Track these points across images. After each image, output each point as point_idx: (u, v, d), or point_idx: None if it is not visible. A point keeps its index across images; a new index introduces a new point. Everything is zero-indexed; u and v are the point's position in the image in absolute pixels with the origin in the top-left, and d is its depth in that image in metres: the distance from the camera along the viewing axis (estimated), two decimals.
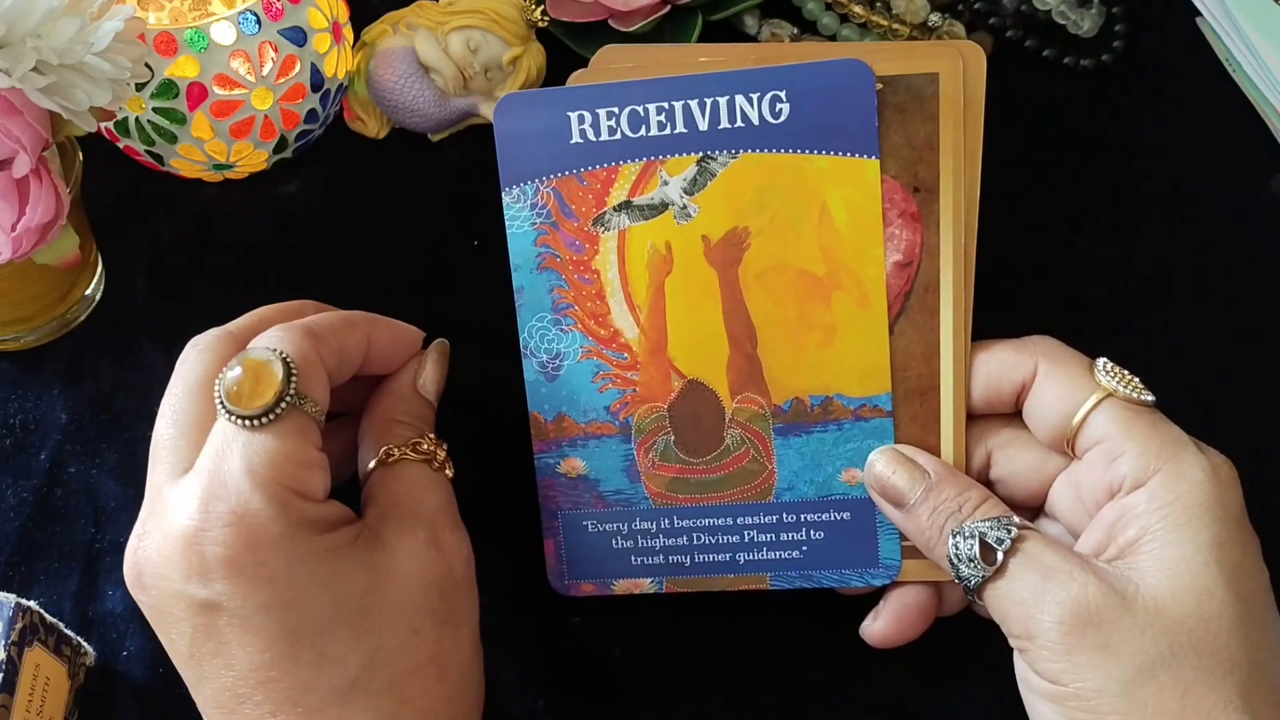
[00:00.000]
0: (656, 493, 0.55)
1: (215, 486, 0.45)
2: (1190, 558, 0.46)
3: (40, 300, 0.61)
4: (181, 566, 0.45)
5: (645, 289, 0.54)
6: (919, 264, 0.53)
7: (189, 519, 0.44)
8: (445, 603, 0.48)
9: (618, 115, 0.53)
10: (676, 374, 0.54)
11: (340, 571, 0.45)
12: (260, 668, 0.44)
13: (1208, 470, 0.47)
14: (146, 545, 0.46)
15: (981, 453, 0.53)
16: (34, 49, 0.49)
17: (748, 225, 0.53)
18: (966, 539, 0.48)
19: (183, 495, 0.45)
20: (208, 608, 0.44)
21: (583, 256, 0.54)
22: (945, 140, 0.52)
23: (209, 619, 0.44)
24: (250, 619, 0.44)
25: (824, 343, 0.53)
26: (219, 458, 0.45)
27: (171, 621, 0.46)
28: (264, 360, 0.47)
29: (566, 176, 0.54)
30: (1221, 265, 0.64)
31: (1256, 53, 0.67)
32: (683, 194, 0.53)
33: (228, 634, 0.44)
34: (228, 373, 0.47)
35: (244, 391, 0.46)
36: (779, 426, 0.54)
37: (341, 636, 0.45)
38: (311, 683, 0.44)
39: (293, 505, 0.45)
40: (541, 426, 0.55)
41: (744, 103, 0.52)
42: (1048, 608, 0.46)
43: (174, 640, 0.46)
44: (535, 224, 0.54)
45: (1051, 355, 0.51)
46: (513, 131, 0.54)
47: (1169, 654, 0.45)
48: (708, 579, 0.55)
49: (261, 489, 0.45)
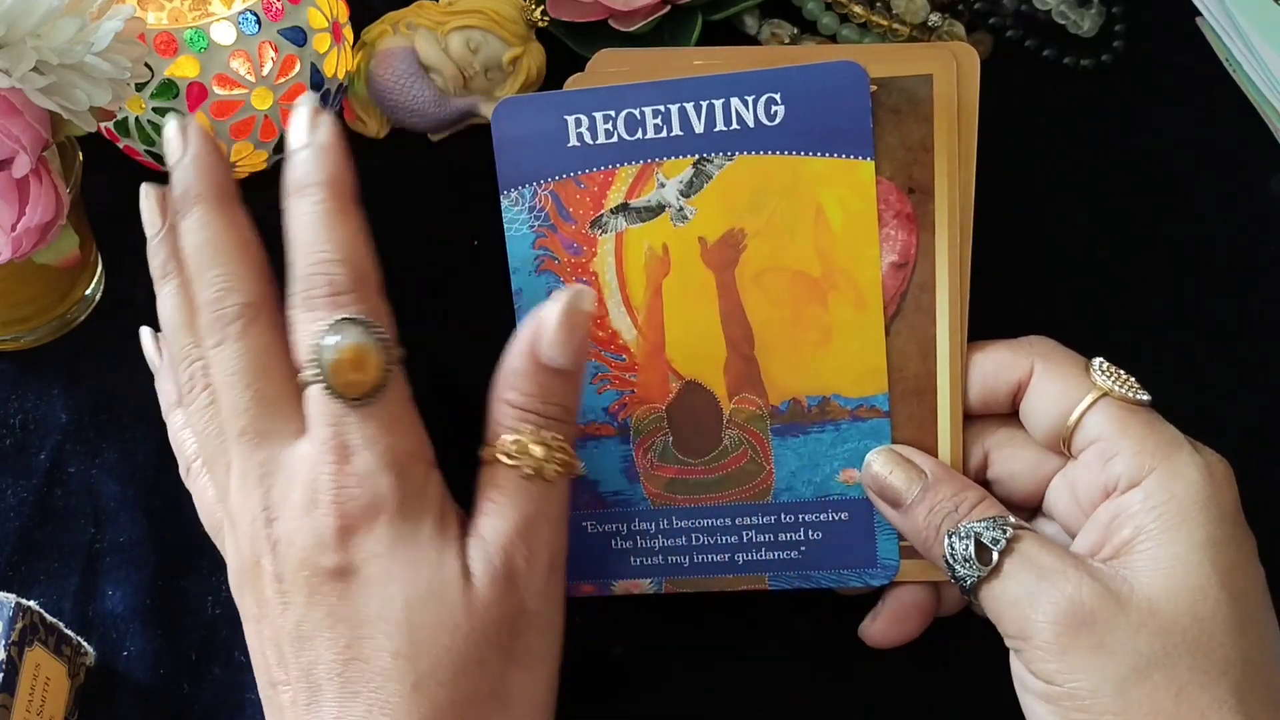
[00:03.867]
0: (655, 493, 0.55)
1: (340, 453, 0.46)
2: (1185, 557, 0.46)
3: (40, 300, 0.61)
4: (313, 536, 0.46)
5: (643, 291, 0.54)
6: (914, 265, 0.53)
7: (323, 493, 0.45)
8: (516, 641, 0.47)
9: (614, 118, 0.53)
10: (674, 375, 0.54)
11: (417, 567, 0.46)
12: (355, 644, 0.45)
13: (1203, 469, 0.47)
14: (278, 513, 0.46)
15: (978, 453, 0.53)
16: (34, 49, 0.49)
17: (744, 227, 0.53)
18: (962, 539, 0.49)
19: (305, 460, 0.46)
20: (336, 573, 0.45)
21: (581, 259, 0.54)
22: (940, 141, 0.52)
23: (332, 584, 0.46)
24: (372, 586, 0.45)
25: (821, 343, 0.53)
26: (333, 426, 0.46)
27: (291, 588, 0.46)
28: (358, 343, 0.46)
29: (564, 179, 0.54)
30: (1221, 265, 0.64)
31: (1256, 53, 0.67)
32: (679, 196, 0.53)
33: (340, 609, 0.45)
34: (323, 356, 0.46)
35: (347, 376, 0.46)
36: (776, 427, 0.54)
37: (407, 636, 0.45)
38: (390, 671, 0.45)
39: (409, 471, 0.46)
40: None
41: (739, 105, 0.52)
42: (1042, 608, 0.46)
43: (287, 609, 0.46)
44: (533, 226, 0.54)
45: (1047, 355, 0.51)
46: (510, 135, 0.54)
47: (1163, 653, 0.45)
48: (706, 579, 0.55)
49: (382, 460, 0.46)
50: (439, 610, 0.45)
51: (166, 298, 0.51)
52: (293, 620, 0.46)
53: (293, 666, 0.46)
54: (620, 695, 0.56)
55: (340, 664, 0.45)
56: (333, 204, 0.49)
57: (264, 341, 0.48)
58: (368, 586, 0.45)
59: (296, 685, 0.46)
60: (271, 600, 0.47)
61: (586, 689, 0.56)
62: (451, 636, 0.45)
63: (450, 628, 0.45)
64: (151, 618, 0.57)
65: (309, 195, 0.49)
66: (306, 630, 0.46)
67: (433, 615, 0.45)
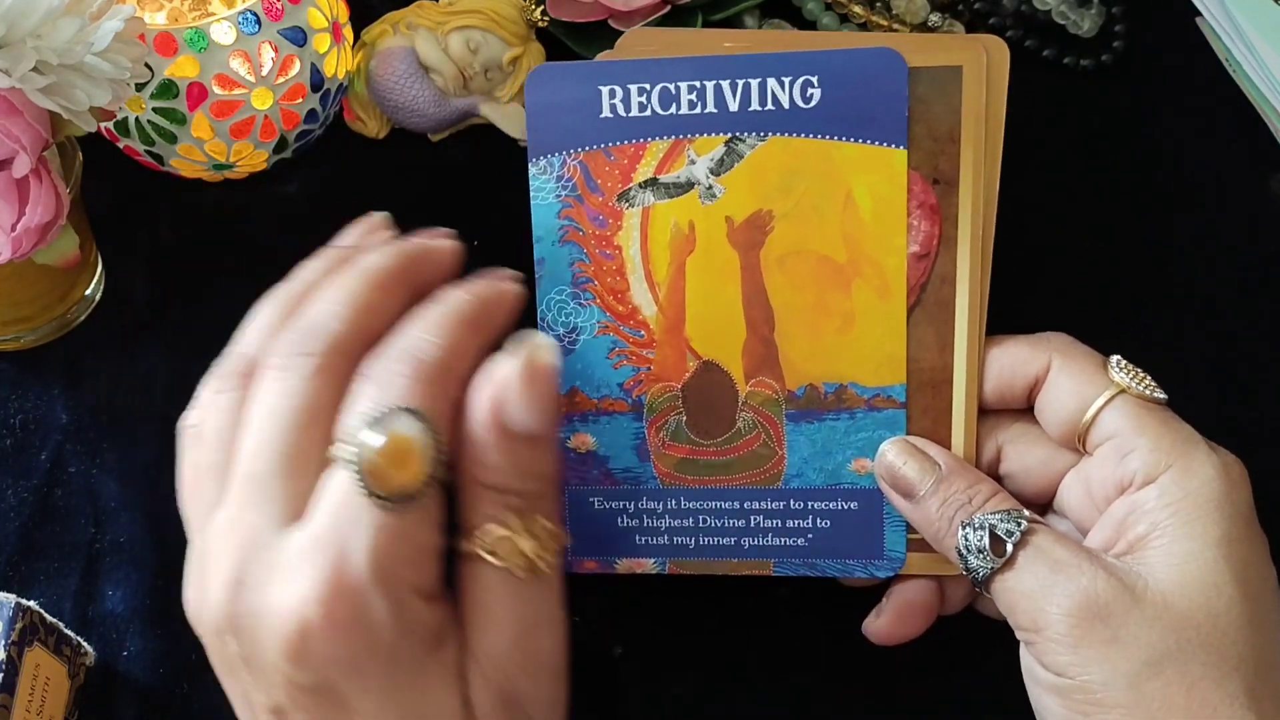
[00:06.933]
0: (665, 473, 0.54)
1: (337, 572, 0.40)
2: (1199, 554, 0.46)
3: (40, 300, 0.60)
4: (284, 648, 0.40)
5: (666, 267, 0.54)
6: (936, 256, 0.53)
7: (304, 605, 0.40)
8: None
9: (649, 91, 0.53)
10: (692, 354, 0.54)
11: (415, 702, 0.42)
12: None
13: (1219, 468, 0.48)
14: (251, 600, 0.41)
15: (992, 447, 0.53)
16: (34, 49, 0.48)
17: (772, 209, 0.53)
18: (976, 530, 0.48)
19: (297, 561, 0.40)
20: (307, 689, 0.41)
21: (605, 231, 0.54)
22: (967, 133, 0.52)
23: (317, 703, 0.41)
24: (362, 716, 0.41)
25: (841, 330, 0.53)
26: (342, 526, 0.40)
27: (260, 680, 0.42)
28: (411, 437, 0.40)
29: (594, 150, 0.53)
30: (1221, 265, 0.64)
31: (1256, 53, 0.68)
32: (709, 174, 0.53)
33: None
34: (365, 438, 0.40)
35: (384, 469, 0.40)
36: (791, 413, 0.54)
37: None
38: None
39: (408, 605, 0.41)
40: None
41: (775, 86, 0.52)
42: (1056, 600, 0.46)
43: (262, 692, 0.42)
44: (560, 196, 0.54)
45: (1065, 351, 0.51)
46: (543, 102, 0.53)
47: (1176, 649, 0.45)
48: (711, 562, 0.55)
49: (383, 588, 0.40)
50: None
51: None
52: (274, 702, 0.42)
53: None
54: (620, 695, 0.56)
55: None
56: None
57: (326, 395, 0.43)
58: (356, 715, 0.41)
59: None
60: (243, 679, 0.43)
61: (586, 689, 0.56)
62: None
63: None
64: (151, 618, 0.57)
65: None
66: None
67: None
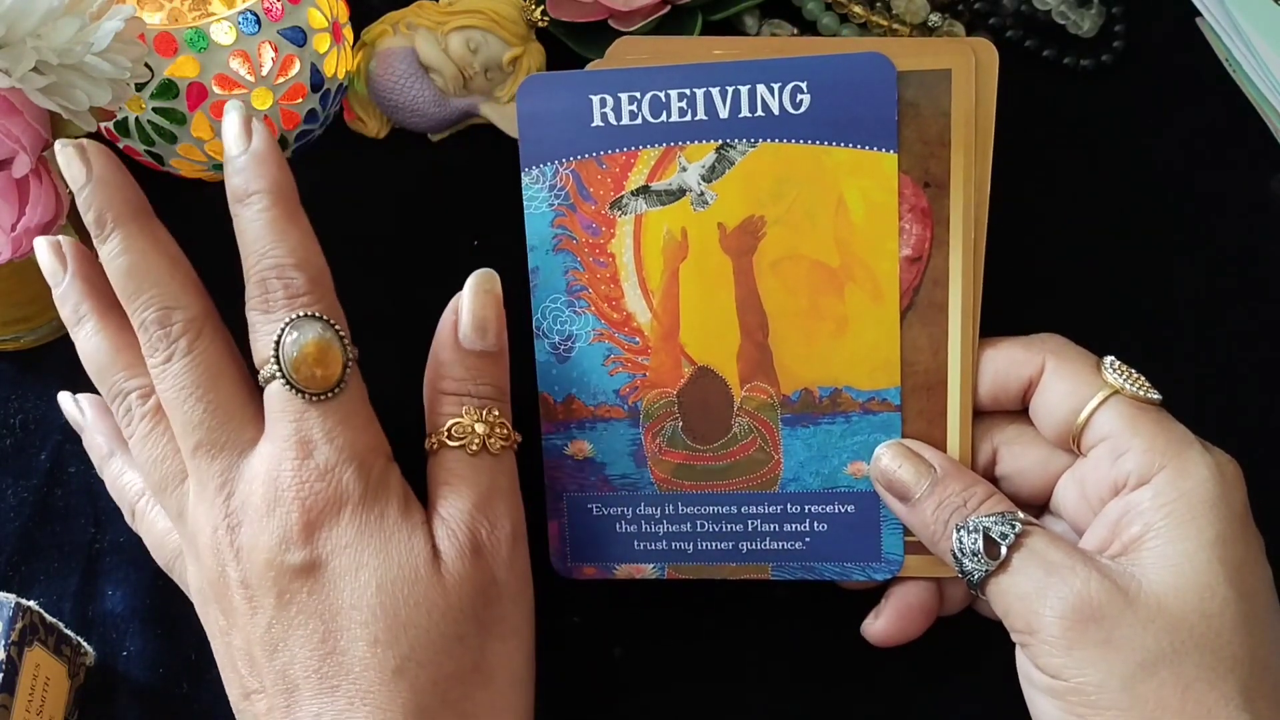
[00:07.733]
0: (662, 478, 0.55)
1: (305, 460, 0.47)
2: (1193, 555, 0.46)
3: (40, 300, 0.60)
4: (279, 537, 0.46)
5: (659, 274, 0.54)
6: (928, 259, 0.53)
7: (289, 495, 0.46)
8: (491, 610, 0.48)
9: (639, 100, 0.53)
10: (687, 360, 0.54)
11: (386, 552, 0.46)
12: (329, 637, 0.45)
13: (1213, 468, 0.48)
14: (243, 514, 0.47)
15: (987, 449, 0.53)
16: (34, 49, 0.49)
17: (764, 214, 0.53)
18: (970, 533, 0.49)
19: (270, 465, 0.47)
20: (299, 571, 0.46)
21: (599, 239, 0.54)
22: (957, 136, 0.52)
23: (301, 581, 0.46)
24: (342, 578, 0.46)
25: (835, 334, 0.53)
26: (298, 428, 0.47)
27: (259, 592, 0.46)
28: (323, 340, 0.47)
29: (586, 159, 0.54)
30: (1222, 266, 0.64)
31: (1256, 53, 0.67)
32: (701, 181, 0.53)
33: (310, 604, 0.46)
34: (287, 352, 0.47)
35: (310, 371, 0.47)
36: (787, 417, 0.54)
37: (383, 621, 0.45)
38: (368, 660, 0.45)
39: (373, 466, 0.48)
40: (550, 408, 0.55)
41: (765, 92, 0.52)
42: (1050, 602, 0.46)
43: (256, 614, 0.47)
44: (553, 205, 0.54)
45: (1059, 352, 0.51)
46: (535, 112, 0.54)
47: (1171, 650, 0.45)
48: (709, 566, 0.55)
49: (348, 457, 0.47)
50: (413, 590, 0.46)
51: (86, 339, 0.51)
52: (263, 624, 0.46)
53: (266, 672, 0.46)
54: (620, 695, 0.56)
55: (316, 660, 0.45)
56: (279, 209, 0.49)
57: (213, 353, 0.49)
58: (338, 579, 0.46)
59: (272, 690, 0.46)
60: (239, 608, 0.47)
61: (586, 689, 0.56)
62: (428, 615, 0.46)
63: (426, 607, 0.46)
64: (151, 618, 0.57)
65: (254, 203, 0.49)
66: (278, 632, 0.46)
67: (408, 596, 0.46)
